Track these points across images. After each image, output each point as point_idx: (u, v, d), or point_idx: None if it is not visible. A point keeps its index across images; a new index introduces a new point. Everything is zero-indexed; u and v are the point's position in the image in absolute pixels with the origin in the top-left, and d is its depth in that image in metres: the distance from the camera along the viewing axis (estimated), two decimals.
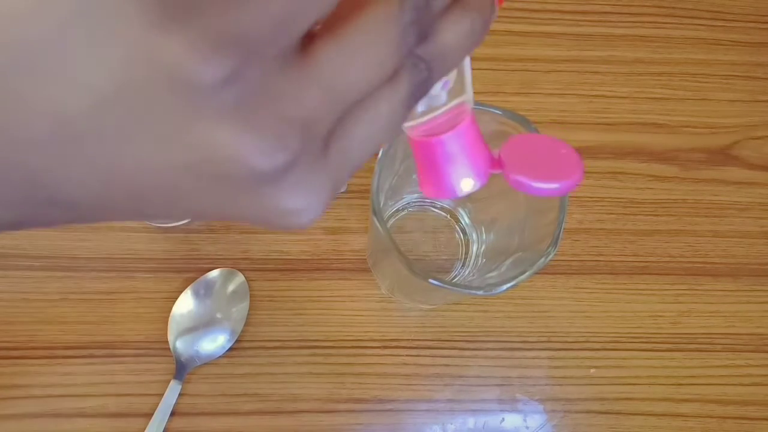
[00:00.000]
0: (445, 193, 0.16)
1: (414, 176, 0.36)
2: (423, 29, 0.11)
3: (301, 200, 0.11)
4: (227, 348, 0.34)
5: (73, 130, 0.09)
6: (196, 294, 0.35)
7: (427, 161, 0.16)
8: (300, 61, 0.10)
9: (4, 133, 0.09)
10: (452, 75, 0.14)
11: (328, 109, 0.11)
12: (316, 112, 0.10)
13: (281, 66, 0.10)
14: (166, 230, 0.37)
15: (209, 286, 0.35)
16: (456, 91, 0.15)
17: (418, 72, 0.11)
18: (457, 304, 0.37)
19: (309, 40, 0.10)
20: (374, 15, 0.10)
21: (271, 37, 0.09)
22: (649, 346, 0.37)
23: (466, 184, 0.16)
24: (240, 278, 0.35)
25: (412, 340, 0.36)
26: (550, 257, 0.24)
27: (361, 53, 0.10)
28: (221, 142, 0.09)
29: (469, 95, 0.15)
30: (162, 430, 0.32)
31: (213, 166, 0.10)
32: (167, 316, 0.34)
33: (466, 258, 0.37)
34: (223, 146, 0.10)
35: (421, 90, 0.12)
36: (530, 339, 0.37)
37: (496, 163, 0.16)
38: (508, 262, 0.29)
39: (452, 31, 0.11)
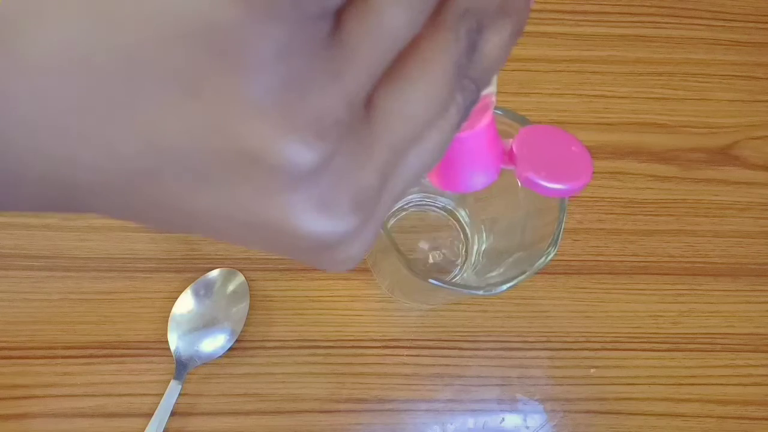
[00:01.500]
0: (457, 188, 0.16)
1: None
2: (473, 51, 0.10)
3: (353, 247, 0.11)
4: (227, 348, 0.34)
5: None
6: (196, 294, 0.35)
7: (446, 155, 0.16)
8: (367, 123, 0.10)
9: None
10: None
11: (387, 161, 0.10)
12: (382, 174, 0.10)
13: (354, 133, 0.09)
14: (167, 230, 0.37)
15: (209, 286, 0.35)
16: None
17: (468, 94, 0.11)
18: (457, 304, 0.37)
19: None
20: (430, 56, 0.10)
21: (356, 107, 0.09)
22: (649, 346, 0.37)
23: (481, 181, 0.16)
24: (240, 278, 0.35)
25: (412, 340, 0.36)
26: (550, 257, 0.24)
27: (420, 97, 0.10)
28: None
29: (494, 87, 0.14)
30: (162, 430, 0.32)
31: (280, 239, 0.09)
32: (167, 316, 0.34)
33: (466, 258, 0.37)
34: (294, 226, 0.09)
35: (470, 109, 0.11)
36: (530, 339, 0.37)
37: (509, 158, 0.16)
38: (508, 262, 0.29)
39: (495, 43, 0.11)
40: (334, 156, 0.09)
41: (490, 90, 0.14)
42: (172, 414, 0.32)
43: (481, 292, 0.24)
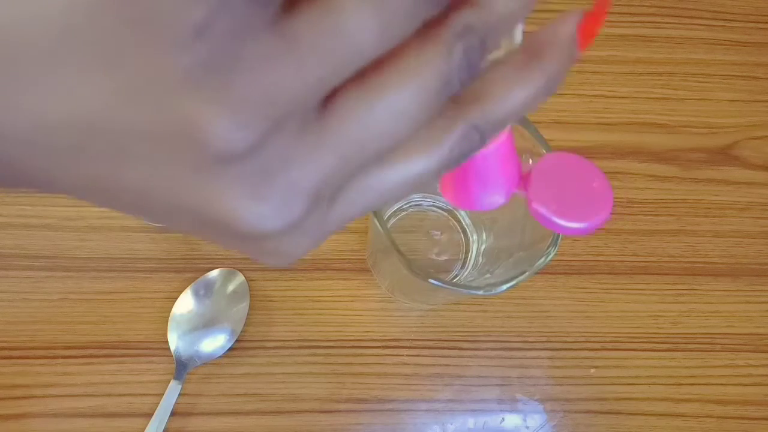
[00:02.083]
0: (466, 205, 0.16)
1: None
2: (471, 74, 0.10)
3: (298, 247, 0.10)
4: (227, 348, 0.34)
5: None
6: (196, 294, 0.35)
7: (457, 171, 0.15)
8: (320, 122, 0.09)
9: None
10: None
11: (334, 167, 0.10)
12: (328, 177, 0.10)
13: (301, 129, 0.09)
14: (166, 230, 0.37)
15: (209, 286, 0.35)
16: None
17: (467, 143, 0.10)
18: (457, 304, 0.37)
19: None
20: (409, 67, 0.09)
21: (301, 101, 0.09)
22: (649, 346, 0.37)
23: (492, 202, 0.15)
24: (240, 278, 0.35)
25: (412, 340, 0.36)
26: (550, 257, 0.24)
27: (386, 108, 0.09)
28: (224, 200, 0.08)
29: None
30: (162, 430, 0.32)
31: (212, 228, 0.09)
32: (167, 316, 0.34)
33: (466, 258, 0.37)
34: (219, 209, 0.09)
35: (465, 158, 0.11)
36: (530, 339, 0.37)
37: (523, 182, 0.15)
38: (508, 262, 0.29)
39: (518, 96, 0.10)
40: (269, 143, 0.09)
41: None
42: (172, 414, 0.32)
43: (481, 292, 0.24)
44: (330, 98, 0.09)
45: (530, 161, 0.15)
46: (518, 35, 0.12)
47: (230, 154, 0.08)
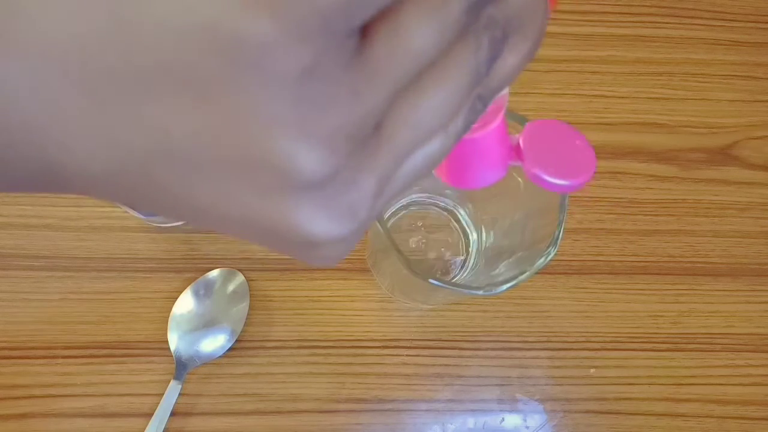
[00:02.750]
0: (466, 184, 0.16)
1: None
2: (494, 61, 0.10)
3: (349, 247, 0.11)
4: (227, 348, 0.34)
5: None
6: (196, 294, 0.35)
7: (455, 153, 0.16)
8: (378, 134, 0.10)
9: None
10: None
11: (388, 168, 0.10)
12: (384, 181, 0.10)
13: (365, 145, 0.10)
14: (166, 230, 0.37)
15: (209, 286, 0.35)
16: None
17: (474, 112, 0.11)
18: (457, 304, 0.37)
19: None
20: (449, 65, 0.10)
21: (371, 121, 0.09)
22: (649, 346, 0.37)
23: (490, 177, 0.16)
24: (240, 278, 0.35)
25: (412, 340, 0.36)
26: (550, 257, 0.24)
27: (432, 107, 0.10)
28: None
29: (508, 87, 0.14)
30: (162, 430, 0.32)
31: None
32: (167, 316, 0.34)
33: (466, 258, 0.37)
34: (291, 228, 0.09)
35: (473, 123, 0.11)
36: (530, 339, 0.37)
37: (516, 154, 0.16)
38: (508, 262, 0.29)
39: (510, 63, 0.11)
40: (342, 169, 0.09)
41: (505, 90, 0.14)
42: (172, 414, 0.32)
43: (481, 292, 0.24)
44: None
45: (516, 137, 0.16)
46: None
47: (314, 180, 0.09)
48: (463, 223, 0.38)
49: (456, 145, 0.15)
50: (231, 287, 0.35)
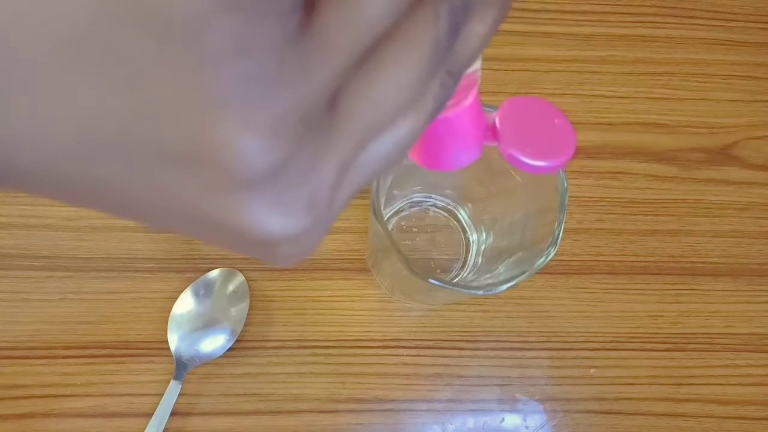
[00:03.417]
0: (440, 166, 0.16)
1: (414, 176, 0.36)
2: (456, 34, 0.10)
3: (311, 245, 0.10)
4: (227, 348, 0.34)
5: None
6: (196, 294, 0.35)
7: (428, 134, 0.15)
8: (331, 115, 0.09)
9: None
10: None
11: (348, 153, 0.09)
12: (343, 167, 0.09)
13: (317, 129, 0.09)
14: (167, 231, 0.37)
15: (209, 286, 0.35)
16: None
17: (446, 89, 0.10)
18: (457, 304, 0.37)
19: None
20: (407, 37, 0.09)
21: (319, 102, 0.08)
22: (649, 346, 0.37)
23: (465, 159, 0.16)
24: (240, 278, 0.35)
25: (412, 340, 0.36)
26: (550, 257, 0.24)
27: (392, 82, 0.09)
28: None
29: (479, 63, 0.14)
30: (162, 430, 0.32)
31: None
32: (167, 316, 0.34)
33: (466, 258, 0.37)
34: (243, 224, 0.09)
35: (445, 104, 0.11)
36: (530, 339, 0.37)
37: (492, 133, 0.16)
38: (508, 262, 0.29)
39: (477, 33, 0.10)
40: (297, 153, 0.09)
41: (476, 66, 0.14)
42: (172, 414, 0.32)
43: (481, 292, 0.24)
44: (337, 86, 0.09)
45: (492, 115, 0.16)
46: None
47: (257, 175, 0.08)
48: (463, 223, 0.38)
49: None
50: (231, 287, 0.35)
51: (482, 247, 0.36)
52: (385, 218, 0.37)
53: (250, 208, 0.09)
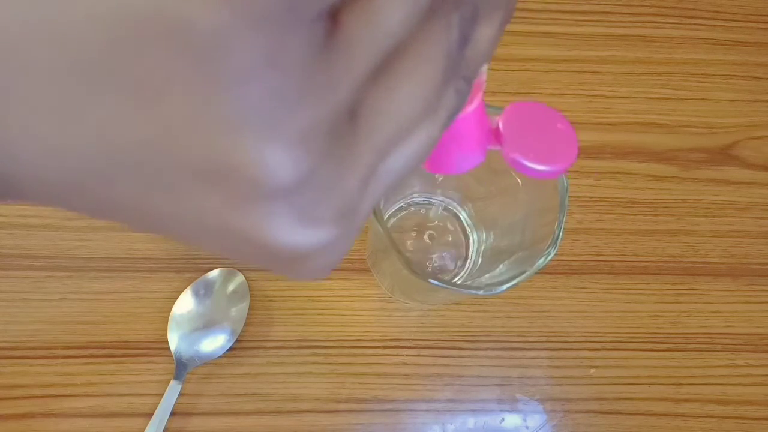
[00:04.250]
0: (444, 170, 0.16)
1: (414, 176, 0.36)
2: (466, 42, 0.10)
3: (330, 256, 0.10)
4: (227, 348, 0.34)
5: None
6: (196, 294, 0.35)
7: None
8: (353, 128, 0.09)
9: None
10: None
11: (370, 165, 0.09)
12: (365, 180, 0.09)
13: (339, 142, 0.09)
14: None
15: (209, 286, 0.35)
16: None
17: (459, 97, 0.10)
18: (457, 304, 0.37)
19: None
20: (421, 49, 0.09)
21: (341, 114, 0.08)
22: (649, 346, 0.37)
23: (468, 162, 0.16)
24: (240, 278, 0.35)
25: (412, 340, 0.36)
26: (550, 257, 0.24)
27: (409, 95, 0.09)
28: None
29: (485, 66, 0.14)
30: (162, 430, 0.32)
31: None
32: (167, 316, 0.34)
33: (466, 258, 0.37)
34: (270, 238, 0.09)
35: (460, 109, 0.11)
36: (530, 339, 0.37)
37: (495, 137, 0.16)
38: (508, 262, 0.29)
39: (486, 36, 0.10)
40: (320, 169, 0.09)
41: (483, 69, 0.13)
42: (172, 414, 0.32)
43: (481, 292, 0.24)
44: (356, 99, 0.09)
45: (496, 119, 0.16)
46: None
47: (284, 187, 0.08)
48: (463, 223, 0.38)
49: None
50: (231, 287, 0.35)
51: (482, 247, 0.36)
52: (385, 218, 0.37)
53: (276, 220, 0.09)
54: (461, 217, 0.38)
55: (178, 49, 0.06)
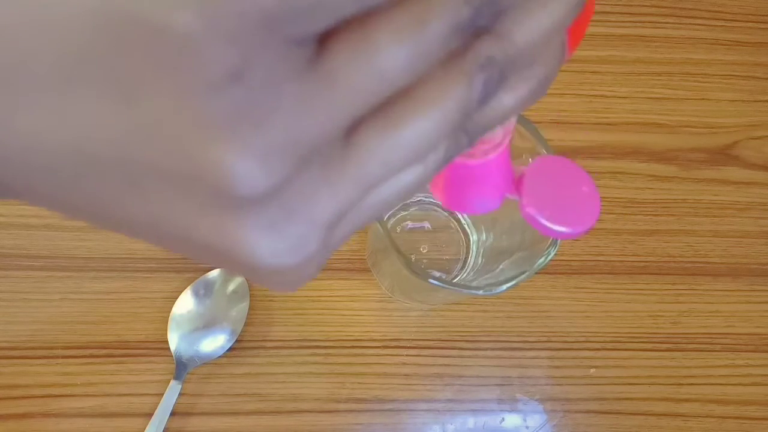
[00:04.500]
0: (458, 208, 0.16)
1: None
2: (486, 103, 0.10)
3: (305, 276, 0.10)
4: (227, 348, 0.34)
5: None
6: (196, 294, 0.35)
7: (451, 176, 0.15)
8: (343, 155, 0.09)
9: None
10: None
11: (351, 197, 0.09)
12: (344, 208, 0.09)
13: (324, 163, 0.09)
14: None
15: (209, 286, 0.35)
16: None
17: (456, 148, 0.10)
18: (457, 304, 0.37)
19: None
20: (432, 100, 0.09)
21: (328, 137, 0.08)
22: (649, 346, 0.37)
23: (484, 206, 0.15)
24: (240, 278, 0.35)
25: (412, 340, 0.36)
26: (550, 257, 0.24)
27: (408, 141, 0.09)
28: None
29: (514, 118, 0.13)
30: (162, 430, 0.32)
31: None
32: (167, 316, 0.34)
33: (466, 258, 0.37)
34: (234, 248, 0.09)
35: (453, 157, 0.10)
36: (530, 339, 0.37)
37: (516, 186, 0.15)
38: (508, 261, 0.29)
39: (505, 105, 0.10)
40: (290, 186, 0.09)
41: (511, 120, 0.13)
42: (172, 414, 0.32)
43: (481, 292, 0.24)
44: (352, 129, 0.09)
45: (526, 163, 0.16)
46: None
47: (252, 197, 0.08)
48: (464, 223, 0.38)
49: (450, 167, 0.14)
50: (231, 287, 0.35)
51: (482, 247, 0.36)
52: (385, 218, 0.37)
53: (240, 229, 0.09)
54: (461, 216, 0.38)
55: (154, 52, 0.07)
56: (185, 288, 0.35)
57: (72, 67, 0.07)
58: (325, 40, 0.08)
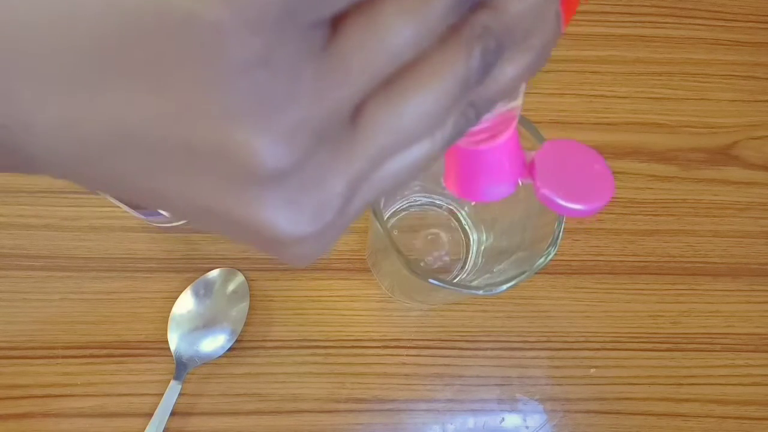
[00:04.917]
0: (473, 197, 0.16)
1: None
2: (487, 73, 0.10)
3: (321, 247, 0.11)
4: (227, 348, 0.34)
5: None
6: (196, 294, 0.35)
7: (462, 165, 0.15)
8: (352, 130, 0.10)
9: None
10: None
11: (362, 171, 0.10)
12: (357, 180, 0.10)
13: (336, 139, 0.09)
14: (166, 230, 0.37)
15: (209, 286, 0.35)
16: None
17: (465, 121, 0.11)
18: (457, 304, 0.37)
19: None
20: (434, 71, 0.09)
21: (341, 113, 0.09)
22: (649, 346, 0.37)
23: (498, 192, 0.16)
24: (240, 278, 0.35)
25: (412, 340, 0.36)
26: (550, 257, 0.24)
27: (413, 113, 0.10)
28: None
29: (520, 100, 0.14)
30: (162, 430, 0.32)
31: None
32: (167, 316, 0.34)
33: (466, 258, 0.37)
34: (254, 220, 0.09)
35: (462, 135, 0.11)
36: (530, 339, 0.37)
37: (528, 171, 0.16)
38: (508, 262, 0.29)
39: (508, 73, 0.11)
40: (308, 161, 0.09)
41: (517, 103, 0.14)
42: (172, 414, 0.32)
43: (481, 292, 0.24)
44: (361, 105, 0.09)
45: (531, 153, 0.16)
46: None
47: (274, 173, 0.09)
48: (464, 223, 0.38)
49: (461, 156, 0.15)
50: (231, 287, 0.35)
51: (482, 247, 0.36)
52: (385, 218, 0.37)
53: (261, 204, 0.09)
54: (461, 216, 0.38)
55: (184, 39, 0.07)
56: (185, 288, 0.35)
57: (106, 54, 0.07)
58: (336, 22, 0.08)
